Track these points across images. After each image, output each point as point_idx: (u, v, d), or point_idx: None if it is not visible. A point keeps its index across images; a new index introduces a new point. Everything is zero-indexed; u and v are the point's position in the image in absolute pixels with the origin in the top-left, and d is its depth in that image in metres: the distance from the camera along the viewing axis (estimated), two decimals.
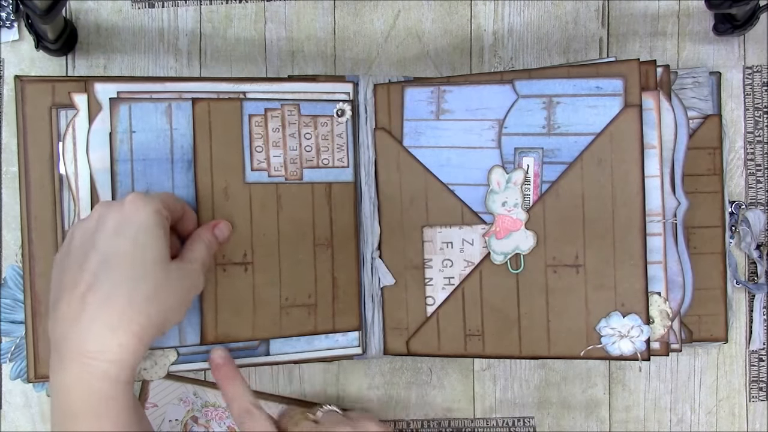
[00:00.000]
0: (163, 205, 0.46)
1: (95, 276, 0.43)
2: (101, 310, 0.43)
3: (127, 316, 0.43)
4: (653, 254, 0.52)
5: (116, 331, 0.42)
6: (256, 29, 0.60)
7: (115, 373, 0.43)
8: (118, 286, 0.43)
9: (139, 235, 0.44)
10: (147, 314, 0.43)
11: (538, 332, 0.53)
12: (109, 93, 0.50)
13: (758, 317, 0.60)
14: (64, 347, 0.43)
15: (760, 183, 0.60)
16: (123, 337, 0.43)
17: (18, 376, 0.57)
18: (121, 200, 0.46)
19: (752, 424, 0.61)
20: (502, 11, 0.60)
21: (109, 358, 0.42)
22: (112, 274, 0.43)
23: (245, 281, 0.52)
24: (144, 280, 0.44)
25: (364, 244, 0.55)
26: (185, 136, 0.51)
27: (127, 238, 0.44)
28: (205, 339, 0.52)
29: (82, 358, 0.42)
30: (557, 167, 0.52)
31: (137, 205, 0.45)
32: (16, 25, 0.58)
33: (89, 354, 0.42)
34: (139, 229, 0.44)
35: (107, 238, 0.44)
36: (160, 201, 0.46)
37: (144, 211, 0.45)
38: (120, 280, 0.43)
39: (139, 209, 0.45)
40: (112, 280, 0.43)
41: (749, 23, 0.57)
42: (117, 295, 0.43)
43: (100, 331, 0.42)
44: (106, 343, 0.42)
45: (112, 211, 0.45)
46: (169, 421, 0.59)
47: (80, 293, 0.43)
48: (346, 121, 0.54)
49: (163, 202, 0.47)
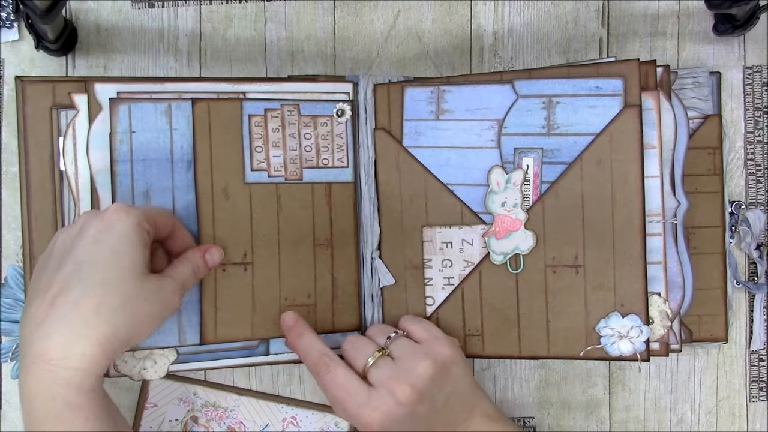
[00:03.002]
0: (146, 219, 0.46)
1: (67, 281, 0.43)
2: (67, 316, 0.42)
3: (92, 325, 0.42)
4: (653, 254, 0.52)
5: (80, 339, 0.42)
6: (256, 29, 0.60)
7: (78, 380, 0.42)
8: (88, 293, 0.43)
9: (117, 244, 0.44)
10: (113, 325, 0.43)
11: (538, 332, 0.53)
12: (109, 93, 0.51)
13: (758, 317, 0.60)
14: (28, 350, 0.43)
15: (760, 183, 0.60)
16: (86, 345, 0.42)
17: (18, 375, 0.57)
18: (105, 209, 0.46)
19: (752, 424, 0.61)
20: (502, 11, 0.60)
21: (71, 365, 0.42)
22: (83, 281, 0.43)
23: (245, 281, 0.52)
24: (115, 290, 0.43)
25: (364, 244, 0.55)
26: (185, 137, 0.51)
27: (105, 246, 0.44)
28: (205, 339, 0.52)
29: (44, 363, 0.42)
30: (557, 167, 0.52)
31: (119, 215, 0.45)
32: (16, 25, 0.58)
33: (52, 360, 0.42)
34: (118, 239, 0.44)
35: (85, 244, 0.44)
36: (143, 215, 0.46)
37: (124, 222, 0.45)
38: (90, 288, 0.43)
39: (120, 219, 0.45)
40: (83, 287, 0.43)
41: (749, 23, 0.57)
42: (85, 303, 0.43)
43: (64, 338, 0.42)
44: (69, 349, 0.42)
45: (96, 219, 0.45)
46: (169, 421, 0.59)
47: (51, 297, 0.43)
48: (346, 121, 0.54)
49: (148, 215, 0.47)
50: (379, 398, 0.48)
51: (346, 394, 0.49)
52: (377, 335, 0.52)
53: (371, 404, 0.48)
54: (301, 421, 0.60)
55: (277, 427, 0.60)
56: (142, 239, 0.45)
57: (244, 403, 0.59)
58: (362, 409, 0.48)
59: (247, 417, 0.59)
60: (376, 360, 0.49)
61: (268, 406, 0.59)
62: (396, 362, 0.49)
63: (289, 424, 0.60)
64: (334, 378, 0.49)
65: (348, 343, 0.51)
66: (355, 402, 0.48)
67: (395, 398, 0.48)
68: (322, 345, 0.51)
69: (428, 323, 0.53)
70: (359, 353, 0.50)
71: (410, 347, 0.50)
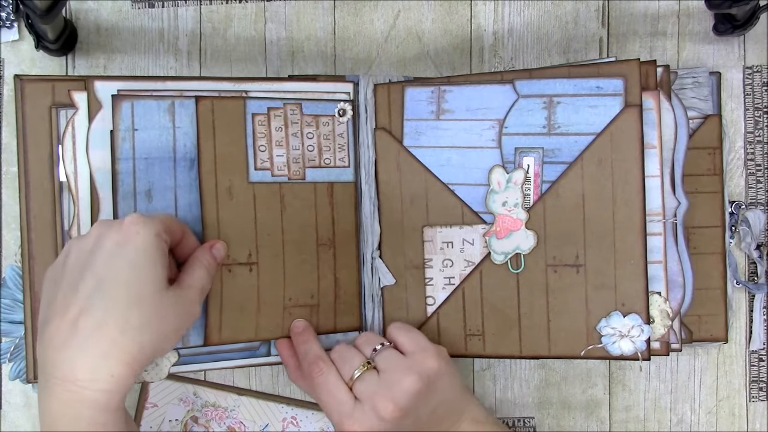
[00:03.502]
0: (164, 228, 0.45)
1: (89, 300, 0.42)
2: (93, 338, 0.41)
3: (118, 345, 0.42)
4: (653, 254, 0.52)
5: (107, 360, 0.41)
6: (256, 29, 0.60)
7: (105, 401, 0.42)
8: (112, 312, 0.42)
9: (137, 258, 0.43)
10: (140, 343, 0.42)
11: (539, 332, 0.53)
12: (110, 91, 0.50)
13: (758, 317, 0.60)
14: (52, 372, 0.42)
15: (760, 183, 0.60)
16: (114, 366, 0.42)
17: (17, 376, 0.57)
18: (121, 220, 0.45)
19: (752, 424, 0.61)
20: (502, 11, 0.60)
21: (100, 387, 0.41)
22: (106, 299, 0.42)
23: (250, 281, 0.52)
24: (138, 307, 0.42)
25: (365, 244, 0.55)
26: (188, 135, 0.51)
27: (125, 261, 0.43)
28: (209, 340, 0.51)
29: (71, 385, 0.41)
30: (557, 167, 0.52)
31: (137, 227, 0.44)
32: (16, 25, 0.58)
33: (79, 382, 0.41)
34: (137, 253, 0.43)
35: (104, 259, 0.43)
36: (161, 223, 0.45)
37: (144, 234, 0.43)
38: (114, 306, 0.42)
39: (139, 231, 0.44)
40: (106, 306, 0.42)
41: (749, 23, 0.57)
42: (110, 323, 0.42)
43: (92, 360, 0.41)
44: (97, 372, 0.41)
45: (112, 231, 0.44)
46: (169, 421, 0.59)
47: (72, 317, 0.42)
48: (347, 121, 0.54)
49: (164, 224, 0.46)
50: (363, 413, 0.48)
51: (333, 401, 0.49)
52: (365, 345, 0.51)
53: (354, 416, 0.48)
54: (301, 421, 0.59)
55: (277, 427, 0.59)
56: (162, 251, 0.44)
57: (244, 403, 0.59)
58: (345, 420, 0.49)
59: (247, 417, 0.59)
60: (362, 373, 0.49)
61: (268, 406, 0.59)
62: (381, 376, 0.49)
63: (289, 424, 0.59)
64: (325, 382, 0.50)
65: (336, 352, 0.51)
66: (339, 411, 0.49)
67: (377, 414, 0.48)
68: (321, 350, 0.51)
69: (416, 333, 0.52)
70: (346, 364, 0.50)
71: (396, 360, 0.50)
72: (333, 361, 0.51)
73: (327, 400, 0.50)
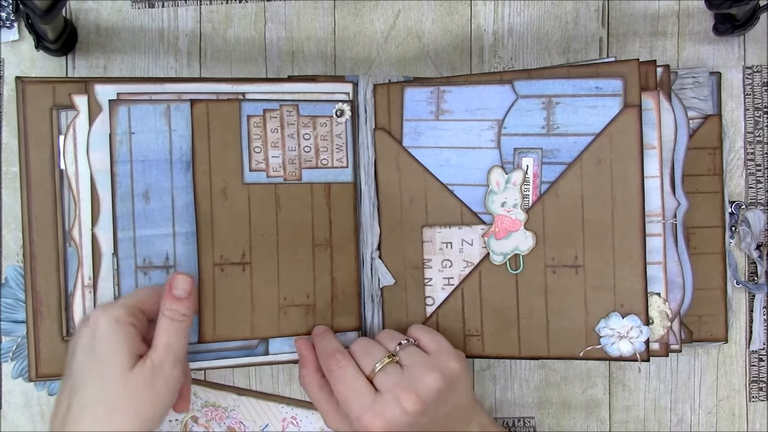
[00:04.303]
0: (127, 312, 0.47)
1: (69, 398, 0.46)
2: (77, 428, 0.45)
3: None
4: (653, 255, 0.52)
5: None
6: (256, 29, 0.60)
7: None
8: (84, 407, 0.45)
9: (99, 348, 0.46)
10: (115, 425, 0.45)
11: (538, 333, 0.53)
12: (109, 94, 0.51)
13: (758, 317, 0.60)
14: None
15: (760, 183, 0.60)
16: None
17: (19, 375, 0.57)
18: (89, 314, 0.48)
19: (752, 424, 0.61)
20: (502, 11, 0.60)
21: None
22: (79, 396, 0.45)
23: (243, 281, 0.52)
24: (104, 395, 0.45)
25: (364, 244, 0.55)
26: (184, 137, 0.51)
27: (91, 356, 0.46)
28: (204, 338, 0.52)
29: None
30: (557, 167, 0.52)
31: (96, 316, 0.46)
32: (16, 25, 0.59)
33: None
34: (98, 342, 0.46)
35: (77, 358, 0.46)
36: (123, 307, 0.47)
37: (102, 321, 0.46)
38: (85, 401, 0.45)
39: (98, 320, 0.46)
40: (80, 402, 0.45)
41: (749, 23, 0.57)
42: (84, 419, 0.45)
43: None
44: None
45: (84, 326, 0.47)
46: (169, 421, 0.59)
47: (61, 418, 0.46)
48: (346, 122, 0.54)
49: (126, 307, 0.47)
50: (384, 404, 0.47)
51: (352, 394, 0.48)
52: (387, 340, 0.51)
53: (375, 408, 0.48)
54: (301, 421, 0.60)
55: (277, 427, 0.60)
56: (124, 334, 0.46)
57: (244, 403, 0.59)
58: (365, 412, 0.48)
59: (247, 417, 0.59)
60: (385, 365, 0.49)
61: (268, 406, 0.60)
62: (404, 370, 0.49)
63: (289, 424, 0.60)
64: (343, 375, 0.49)
65: (357, 344, 0.51)
66: (359, 403, 0.48)
67: (400, 406, 0.47)
68: (339, 344, 0.51)
69: (437, 334, 0.52)
70: (368, 357, 0.50)
71: (420, 357, 0.50)
72: (353, 353, 0.51)
73: (345, 393, 0.49)
